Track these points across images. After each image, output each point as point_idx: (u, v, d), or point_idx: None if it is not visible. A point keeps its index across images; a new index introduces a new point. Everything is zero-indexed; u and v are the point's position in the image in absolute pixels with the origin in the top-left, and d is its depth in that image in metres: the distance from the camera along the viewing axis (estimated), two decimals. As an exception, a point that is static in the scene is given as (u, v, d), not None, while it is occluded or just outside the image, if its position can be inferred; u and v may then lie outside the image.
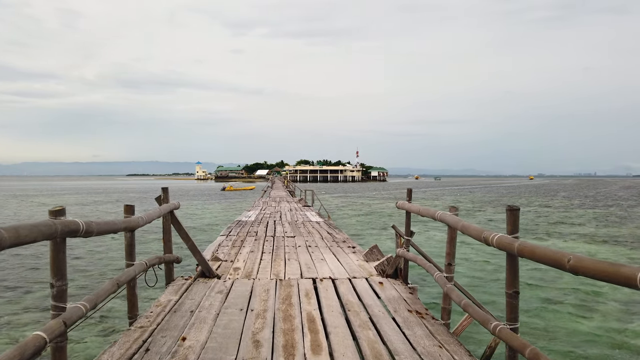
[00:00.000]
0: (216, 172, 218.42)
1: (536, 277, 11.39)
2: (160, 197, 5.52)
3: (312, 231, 10.31)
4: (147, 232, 18.82)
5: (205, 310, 4.30)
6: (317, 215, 14.85)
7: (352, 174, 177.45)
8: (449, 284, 3.92)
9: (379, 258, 6.66)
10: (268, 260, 6.85)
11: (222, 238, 8.94)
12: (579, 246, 18.02)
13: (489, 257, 14.46)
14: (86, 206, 40.53)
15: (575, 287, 10.48)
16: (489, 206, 42.81)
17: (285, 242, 8.58)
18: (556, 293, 10.02)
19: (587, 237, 20.78)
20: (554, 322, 7.98)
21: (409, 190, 5.52)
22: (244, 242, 8.43)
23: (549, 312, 8.58)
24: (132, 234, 4.13)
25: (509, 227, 2.98)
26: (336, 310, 4.35)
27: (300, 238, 9.15)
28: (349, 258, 7.01)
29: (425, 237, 19.65)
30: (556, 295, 9.88)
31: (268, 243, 8.39)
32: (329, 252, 7.48)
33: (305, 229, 10.83)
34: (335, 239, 8.97)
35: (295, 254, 7.34)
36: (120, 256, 13.13)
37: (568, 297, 9.78)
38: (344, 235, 9.72)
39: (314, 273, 5.92)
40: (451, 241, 4.16)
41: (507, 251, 2.87)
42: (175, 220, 5.56)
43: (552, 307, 8.84)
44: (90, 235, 2.95)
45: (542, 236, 22.04)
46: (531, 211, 37.59)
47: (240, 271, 6.08)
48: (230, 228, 10.66)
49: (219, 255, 7.12)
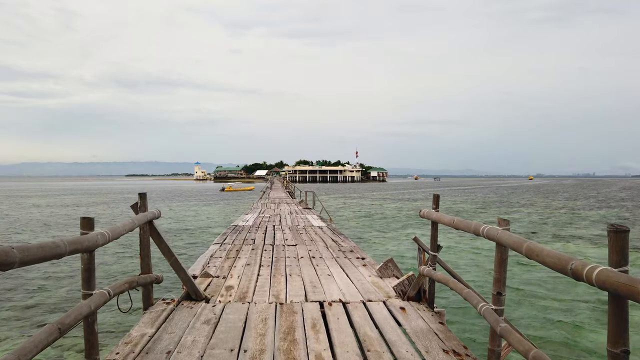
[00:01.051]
0: (215, 172, 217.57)
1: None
2: (137, 205, 4.59)
3: (315, 238, 9.39)
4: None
5: (187, 351, 3.37)
6: (319, 219, 13.92)
7: (351, 175, 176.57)
8: (502, 324, 2.99)
9: (396, 274, 5.75)
10: (266, 275, 5.93)
11: (215, 247, 7.99)
12: (588, 250, 17.15)
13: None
14: (80, 207, 39.58)
15: None
16: (493, 207, 41.94)
17: (286, 251, 7.66)
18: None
19: (598, 240, 19.92)
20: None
21: (435, 196, 4.59)
22: (240, 253, 7.50)
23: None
24: (91, 255, 3.21)
25: (613, 257, 2.06)
26: (352, 349, 3.43)
27: (303, 247, 8.23)
28: (360, 273, 6.09)
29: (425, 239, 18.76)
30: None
31: (267, 253, 7.47)
32: (336, 265, 6.57)
33: (308, 235, 9.90)
34: (342, 248, 8.05)
35: (297, 267, 6.43)
36: (103, 271, 12.17)
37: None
38: (350, 243, 8.80)
39: (321, 294, 4.99)
40: (501, 264, 3.23)
41: (612, 292, 1.96)
42: (155, 232, 4.64)
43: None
44: (12, 268, 2.04)
45: (550, 239, 21.16)
46: (534, 212, 36.73)
47: (234, 291, 5.15)
48: (225, 235, 9.72)
49: (210, 269, 6.19)
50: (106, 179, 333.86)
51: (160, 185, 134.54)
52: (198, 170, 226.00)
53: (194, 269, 6.21)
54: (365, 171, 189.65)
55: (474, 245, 17.62)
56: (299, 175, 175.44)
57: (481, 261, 14.61)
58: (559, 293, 10.07)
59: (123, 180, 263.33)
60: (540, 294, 9.95)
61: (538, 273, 12.17)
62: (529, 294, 9.96)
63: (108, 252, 15.53)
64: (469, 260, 14.91)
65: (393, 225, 27.00)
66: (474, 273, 12.41)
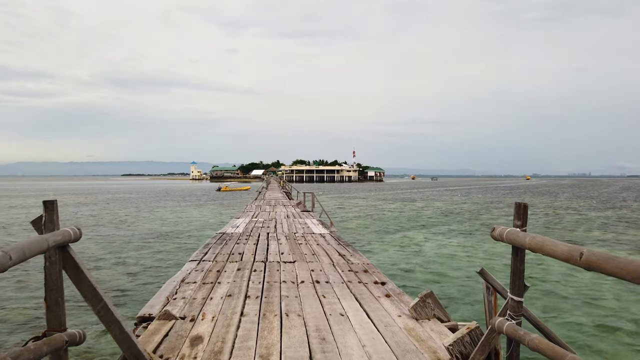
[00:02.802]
0: (211, 172, 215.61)
1: None
2: (41, 220, 2.85)
3: (318, 250, 7.66)
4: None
5: None
6: (319, 224, 12.17)
7: (348, 174, 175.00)
8: None
9: (439, 315, 4.02)
10: (254, 314, 4.19)
11: (190, 267, 6.23)
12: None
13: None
14: (64, 207, 37.67)
15: None
16: (494, 207, 40.35)
17: (282, 272, 5.93)
18: None
19: (614, 243, 18.36)
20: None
21: (520, 206, 2.83)
22: (221, 274, 5.75)
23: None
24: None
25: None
26: None
27: (303, 264, 6.49)
28: (384, 310, 4.35)
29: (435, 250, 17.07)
30: None
31: (256, 275, 5.72)
32: (350, 296, 4.83)
33: (308, 246, 8.17)
34: (352, 266, 6.33)
35: (297, 299, 4.69)
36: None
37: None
38: (362, 258, 7.06)
39: (335, 356, 3.26)
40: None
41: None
42: (72, 264, 2.92)
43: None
44: None
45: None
46: (539, 212, 35.16)
47: (201, 349, 3.39)
48: (208, 247, 7.96)
49: (175, 305, 4.41)
50: (102, 178, 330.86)
51: (155, 185, 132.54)
52: (194, 169, 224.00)
53: (153, 305, 4.46)
54: (362, 171, 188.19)
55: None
56: (295, 175, 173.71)
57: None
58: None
59: (119, 179, 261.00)
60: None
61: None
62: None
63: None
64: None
65: (393, 227, 25.36)
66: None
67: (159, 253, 15.97)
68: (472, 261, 14.85)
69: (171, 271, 12.25)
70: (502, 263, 14.62)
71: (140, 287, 10.60)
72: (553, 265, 13.48)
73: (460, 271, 13.39)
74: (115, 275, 12.22)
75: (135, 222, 27.21)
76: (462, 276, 12.52)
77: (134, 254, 15.92)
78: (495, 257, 15.58)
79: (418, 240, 19.68)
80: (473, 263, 14.51)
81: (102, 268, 13.45)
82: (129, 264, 13.90)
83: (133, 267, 13.54)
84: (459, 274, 12.83)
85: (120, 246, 17.54)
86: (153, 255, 15.57)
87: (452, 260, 14.89)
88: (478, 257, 15.62)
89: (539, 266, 13.61)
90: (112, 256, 15.48)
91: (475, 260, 15.09)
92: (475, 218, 30.28)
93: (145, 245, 17.81)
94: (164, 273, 11.37)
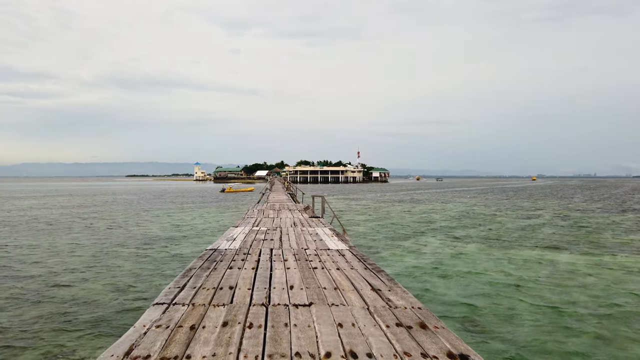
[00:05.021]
0: (215, 173, 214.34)
1: None
2: None
3: (340, 281, 5.47)
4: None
5: None
6: (334, 235, 9.99)
7: (353, 175, 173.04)
8: None
9: None
10: None
11: (151, 317, 3.96)
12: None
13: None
14: (51, 209, 35.69)
15: None
16: (508, 209, 38.14)
17: (293, 329, 3.72)
18: None
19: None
20: None
21: None
22: (196, 336, 3.48)
23: None
24: None
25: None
26: None
27: (324, 311, 4.26)
28: None
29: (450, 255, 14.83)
30: None
31: (252, 340, 3.43)
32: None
33: (326, 273, 5.98)
34: (397, 313, 4.15)
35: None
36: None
37: None
38: (405, 294, 4.80)
39: None
40: None
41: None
42: None
43: None
44: None
45: (589, 249, 17.35)
46: (558, 215, 32.90)
47: None
48: (189, 274, 5.69)
49: None
50: (106, 179, 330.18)
51: (157, 186, 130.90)
52: (198, 170, 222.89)
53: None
54: (366, 171, 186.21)
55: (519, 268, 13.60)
56: (299, 175, 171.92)
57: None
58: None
59: (123, 180, 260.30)
60: None
61: None
62: None
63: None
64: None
65: (405, 231, 23.25)
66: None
67: (145, 263, 13.84)
68: (506, 275, 12.67)
69: (145, 298, 10.05)
70: (538, 275, 12.45)
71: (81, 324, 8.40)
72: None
73: (493, 286, 11.20)
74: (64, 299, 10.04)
75: (128, 226, 25.13)
76: (495, 293, 10.33)
77: (112, 263, 13.80)
78: (527, 269, 13.42)
79: (434, 247, 17.54)
80: (510, 279, 12.33)
81: (60, 285, 11.28)
82: (102, 279, 11.76)
83: (101, 284, 11.38)
84: (492, 289, 10.64)
85: (101, 255, 15.42)
86: (135, 266, 13.44)
87: (483, 274, 12.68)
88: (510, 270, 13.43)
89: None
90: (82, 267, 13.36)
91: (510, 274, 12.90)
92: (492, 221, 28.07)
93: (133, 254, 15.69)
94: (121, 324, 8.93)
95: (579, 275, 12.65)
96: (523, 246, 17.92)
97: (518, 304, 9.90)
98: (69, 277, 12.21)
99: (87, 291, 10.85)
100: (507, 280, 12.11)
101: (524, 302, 10.06)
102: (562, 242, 19.29)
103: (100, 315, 9.00)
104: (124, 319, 8.89)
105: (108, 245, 18.08)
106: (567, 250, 16.97)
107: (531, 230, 23.60)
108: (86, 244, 18.24)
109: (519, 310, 9.45)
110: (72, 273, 12.65)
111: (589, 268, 13.58)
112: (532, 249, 17.46)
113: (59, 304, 9.59)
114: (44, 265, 13.67)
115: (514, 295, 10.64)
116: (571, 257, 15.62)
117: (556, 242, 19.13)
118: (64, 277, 12.26)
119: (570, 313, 9.14)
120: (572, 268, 13.61)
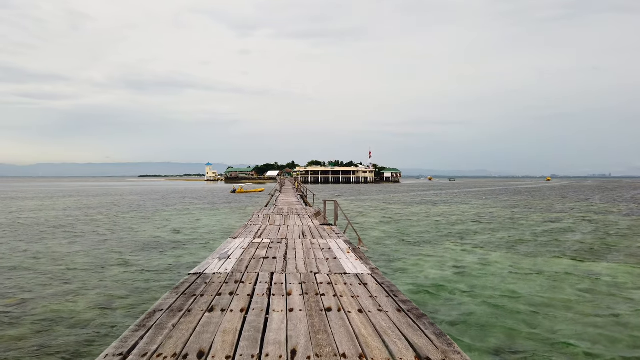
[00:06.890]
0: (226, 173, 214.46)
1: None
2: None
3: (367, 337, 3.64)
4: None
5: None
6: (351, 251, 8.68)
7: (364, 175, 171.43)
8: None
9: None
10: None
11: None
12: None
13: None
14: (56, 211, 35.21)
15: None
16: (529, 213, 36.60)
17: None
18: None
19: None
20: None
21: None
22: None
23: None
24: None
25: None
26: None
27: None
28: None
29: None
30: None
31: None
32: None
33: (344, 319, 4.08)
34: None
35: None
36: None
37: None
38: (462, 358, 3.37)
39: None
40: None
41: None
42: None
43: None
44: None
45: (627, 257, 16.00)
46: (581, 218, 31.37)
47: None
48: (148, 323, 3.83)
49: None
50: (118, 180, 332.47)
51: (169, 186, 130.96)
52: (209, 171, 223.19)
53: None
54: (378, 172, 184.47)
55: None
56: (310, 176, 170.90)
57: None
58: None
59: (135, 181, 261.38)
60: None
61: None
62: None
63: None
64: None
65: (424, 236, 22.02)
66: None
67: (137, 276, 12.96)
68: (542, 288, 11.48)
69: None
70: (569, 286, 11.24)
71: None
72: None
73: (519, 300, 10.02)
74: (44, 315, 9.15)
75: (136, 228, 24.38)
76: (533, 317, 9.17)
77: (103, 274, 12.93)
78: (558, 280, 12.20)
79: (457, 255, 16.35)
80: (540, 290, 11.15)
81: (46, 297, 10.38)
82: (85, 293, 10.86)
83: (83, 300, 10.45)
84: (531, 312, 9.47)
85: (101, 260, 14.60)
86: (127, 279, 12.56)
87: (517, 295, 11.48)
88: (538, 281, 12.24)
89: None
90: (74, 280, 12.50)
91: (537, 285, 11.72)
92: (513, 225, 26.73)
93: (128, 262, 14.84)
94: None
95: (624, 290, 11.40)
96: (552, 254, 16.58)
97: (563, 328, 8.70)
98: (46, 289, 11.30)
99: (62, 307, 9.90)
100: (542, 297, 10.90)
101: (574, 325, 8.82)
102: (594, 249, 17.93)
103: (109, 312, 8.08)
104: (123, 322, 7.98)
105: (103, 251, 17.20)
106: (603, 260, 15.63)
107: (557, 235, 22.22)
108: (76, 250, 17.42)
109: (566, 335, 8.24)
110: (49, 284, 11.73)
111: (634, 280, 12.29)
112: (562, 257, 16.15)
113: (33, 323, 8.67)
114: (20, 272, 12.80)
115: (557, 314, 9.43)
116: (610, 267, 14.29)
117: (588, 250, 17.75)
118: (41, 289, 11.34)
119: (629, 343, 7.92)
120: (614, 281, 12.33)
